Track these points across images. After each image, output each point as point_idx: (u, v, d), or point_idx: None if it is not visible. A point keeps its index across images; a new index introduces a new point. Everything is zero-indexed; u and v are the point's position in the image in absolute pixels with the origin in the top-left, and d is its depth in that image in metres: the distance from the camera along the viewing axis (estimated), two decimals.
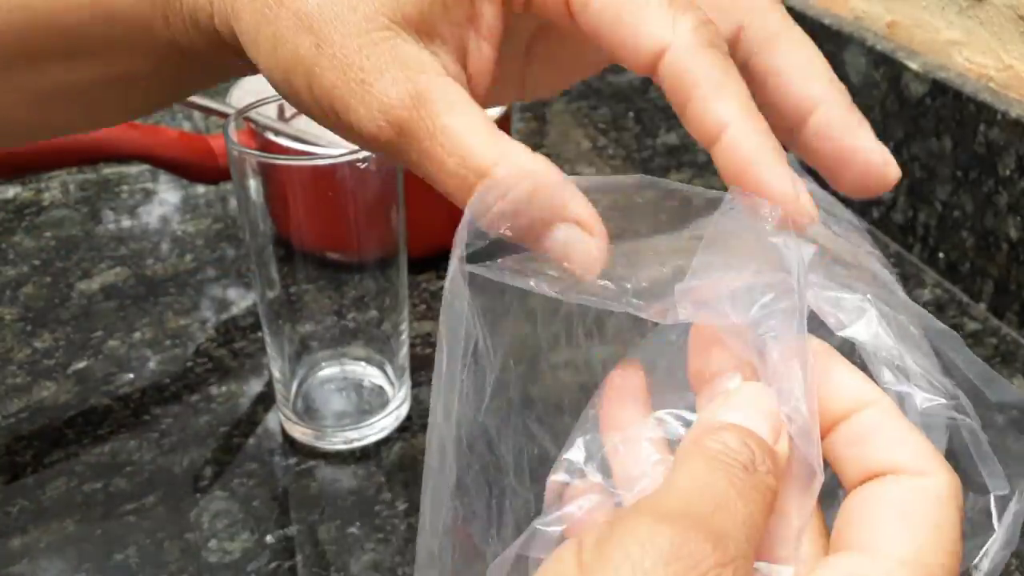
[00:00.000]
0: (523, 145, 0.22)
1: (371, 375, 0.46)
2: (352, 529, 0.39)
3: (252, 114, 0.55)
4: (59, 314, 0.53)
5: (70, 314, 0.53)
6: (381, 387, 0.46)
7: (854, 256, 0.25)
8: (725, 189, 0.24)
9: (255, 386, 0.48)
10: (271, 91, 0.69)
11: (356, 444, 0.44)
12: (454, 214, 0.23)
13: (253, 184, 0.40)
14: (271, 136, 0.56)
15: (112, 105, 0.30)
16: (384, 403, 0.45)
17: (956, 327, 0.52)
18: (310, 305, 0.45)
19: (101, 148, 0.52)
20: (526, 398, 0.25)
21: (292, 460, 0.43)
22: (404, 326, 0.45)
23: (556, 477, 0.23)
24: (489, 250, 0.23)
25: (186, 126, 0.76)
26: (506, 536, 0.24)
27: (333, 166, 0.40)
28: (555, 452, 0.24)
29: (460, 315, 0.21)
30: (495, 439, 0.24)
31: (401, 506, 0.41)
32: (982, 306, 0.53)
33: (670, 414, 0.24)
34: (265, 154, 0.41)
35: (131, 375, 0.48)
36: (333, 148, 0.58)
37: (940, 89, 0.53)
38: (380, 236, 0.45)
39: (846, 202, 0.28)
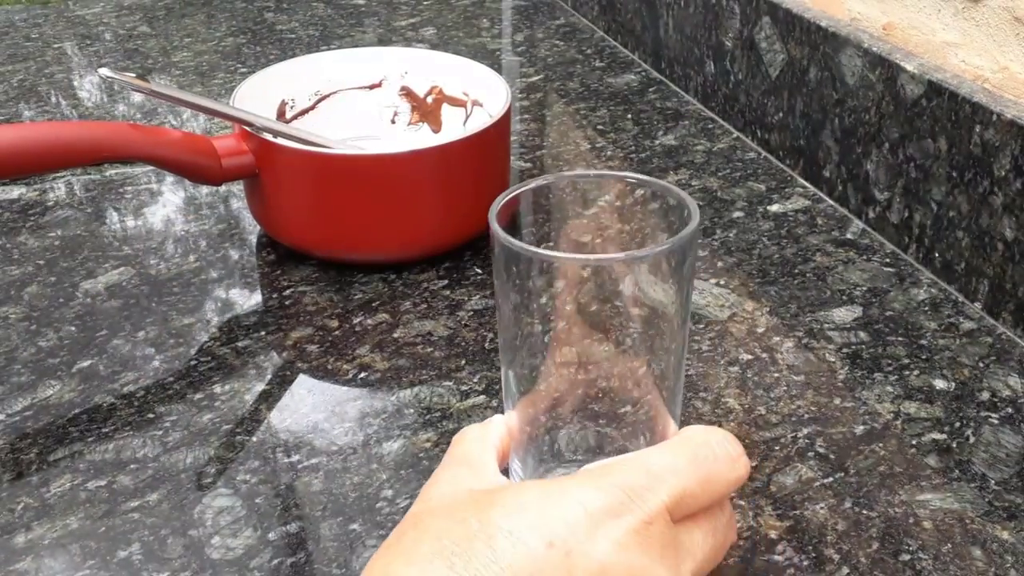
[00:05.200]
0: None
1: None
2: (354, 526, 0.40)
3: (251, 115, 0.56)
4: (64, 313, 0.53)
5: (74, 313, 0.53)
6: None
7: None
8: (722, 190, 0.25)
9: (258, 385, 0.48)
10: (272, 93, 0.69)
11: None
12: (453, 216, 0.24)
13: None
14: (270, 137, 0.56)
15: None
16: None
17: (952, 326, 0.52)
18: None
19: (105, 149, 0.52)
20: None
21: (295, 457, 0.44)
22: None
23: None
24: None
25: (190, 128, 0.77)
26: None
27: None
28: None
29: None
30: None
31: (403, 503, 0.41)
32: (977, 305, 0.54)
33: None
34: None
35: (135, 374, 0.49)
36: (333, 149, 0.58)
37: (936, 90, 0.54)
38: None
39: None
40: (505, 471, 0.35)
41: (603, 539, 0.28)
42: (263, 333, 0.52)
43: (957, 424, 0.46)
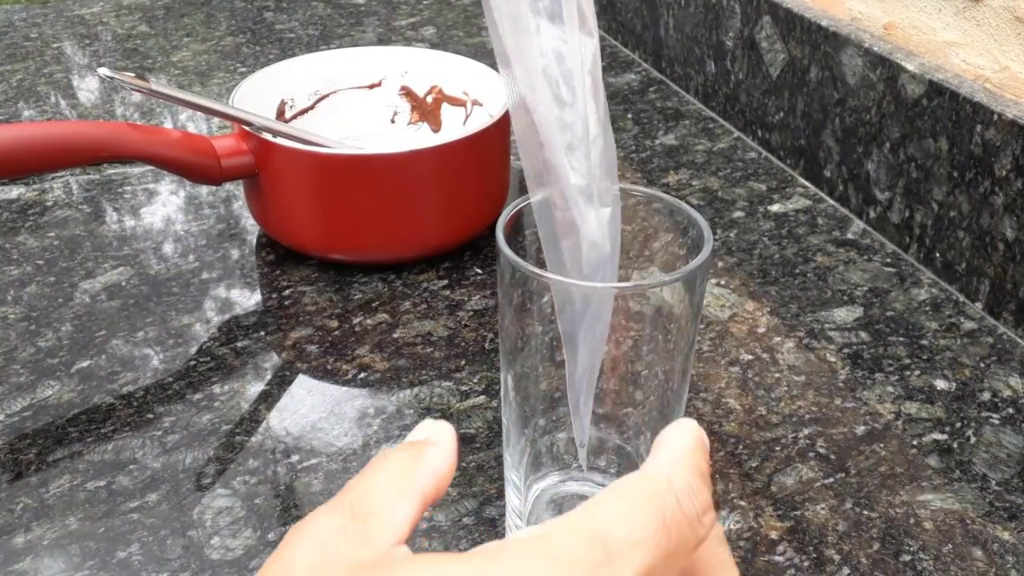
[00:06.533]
0: None
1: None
2: None
3: (251, 114, 0.56)
4: (63, 313, 0.53)
5: (73, 313, 0.53)
6: None
7: None
8: (723, 190, 0.26)
9: (257, 385, 0.48)
10: (271, 93, 0.69)
11: None
12: (453, 216, 0.24)
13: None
14: (269, 136, 0.56)
15: None
16: None
17: (953, 326, 0.52)
18: None
19: (104, 149, 0.52)
20: None
21: (294, 458, 0.43)
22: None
23: None
24: None
25: (189, 127, 0.77)
26: None
27: None
28: None
29: None
30: None
31: None
32: (978, 305, 0.54)
33: None
34: None
35: (134, 374, 0.49)
36: (337, 148, 0.58)
37: (937, 90, 0.54)
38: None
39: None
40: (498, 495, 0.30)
41: None
42: (262, 333, 0.52)
43: (958, 424, 0.46)
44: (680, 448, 0.24)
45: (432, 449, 0.26)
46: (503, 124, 0.57)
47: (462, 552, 0.21)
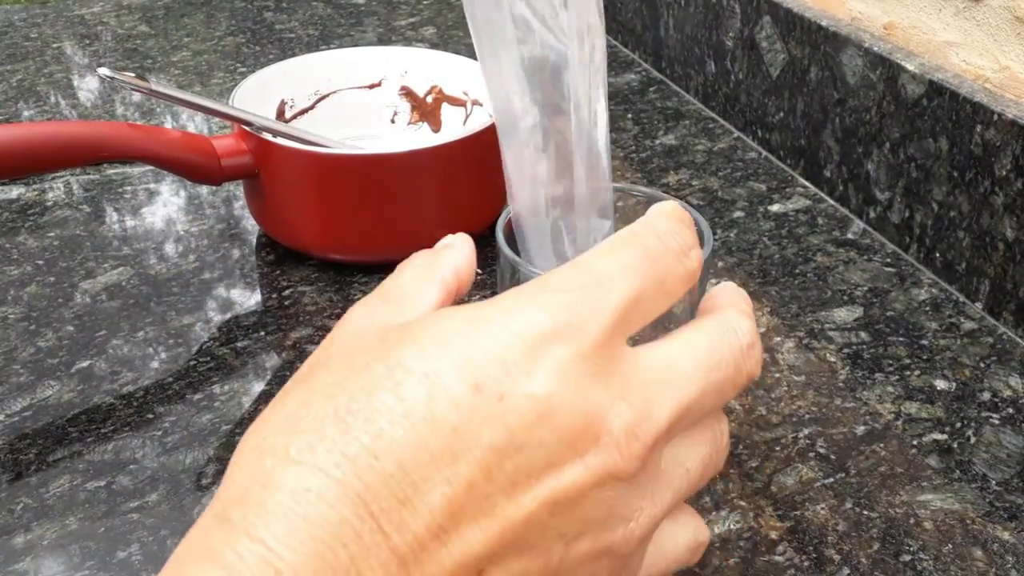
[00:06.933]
0: None
1: None
2: None
3: (251, 114, 0.56)
4: (63, 313, 0.53)
5: (73, 313, 0.53)
6: None
7: None
8: (723, 190, 0.27)
9: (257, 385, 0.48)
10: (271, 93, 0.69)
11: None
12: (453, 216, 0.24)
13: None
14: (269, 136, 0.56)
15: None
16: None
17: (953, 326, 0.52)
18: None
19: (104, 149, 0.52)
20: None
21: None
22: None
23: None
24: None
25: (189, 127, 0.77)
26: None
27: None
28: None
29: None
30: None
31: None
32: (978, 306, 0.54)
33: None
34: None
35: (134, 374, 0.49)
36: (338, 148, 0.58)
37: (937, 90, 0.54)
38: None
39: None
40: None
41: (542, 370, 0.23)
42: (263, 333, 0.52)
43: (958, 424, 0.46)
44: (659, 209, 0.27)
45: (448, 249, 0.30)
46: None
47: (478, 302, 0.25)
